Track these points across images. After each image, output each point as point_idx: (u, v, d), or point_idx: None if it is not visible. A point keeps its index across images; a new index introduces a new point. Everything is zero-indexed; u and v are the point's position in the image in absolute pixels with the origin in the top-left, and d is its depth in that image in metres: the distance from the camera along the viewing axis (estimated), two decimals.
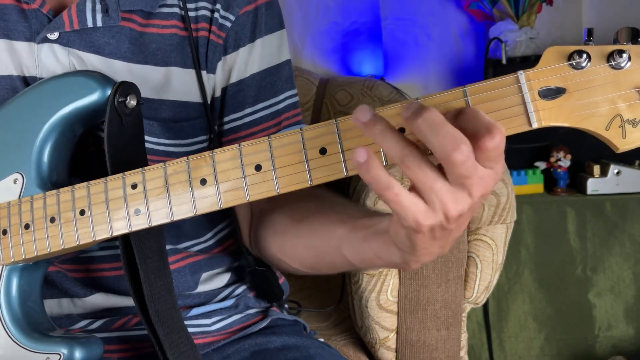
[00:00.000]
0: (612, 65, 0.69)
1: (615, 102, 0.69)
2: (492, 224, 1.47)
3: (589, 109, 0.70)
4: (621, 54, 0.69)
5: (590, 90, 0.70)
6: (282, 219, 1.07)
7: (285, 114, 1.15)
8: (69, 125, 0.95)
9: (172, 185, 0.82)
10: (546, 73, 0.70)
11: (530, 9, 2.73)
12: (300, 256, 1.04)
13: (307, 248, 1.01)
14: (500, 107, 0.70)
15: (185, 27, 1.09)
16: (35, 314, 0.97)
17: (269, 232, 1.10)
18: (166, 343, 0.94)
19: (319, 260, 1.01)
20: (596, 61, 0.70)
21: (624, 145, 0.70)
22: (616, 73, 0.69)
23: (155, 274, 0.95)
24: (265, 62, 1.14)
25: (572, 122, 0.70)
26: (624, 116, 0.69)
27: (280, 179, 0.77)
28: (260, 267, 1.17)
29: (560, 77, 0.70)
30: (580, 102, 0.70)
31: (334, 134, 0.74)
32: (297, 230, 1.03)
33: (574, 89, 0.70)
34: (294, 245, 1.05)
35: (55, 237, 0.89)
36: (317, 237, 0.98)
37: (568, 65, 0.70)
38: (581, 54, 0.69)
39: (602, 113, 0.70)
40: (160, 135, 1.07)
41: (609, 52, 0.69)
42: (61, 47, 1.02)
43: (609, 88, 0.69)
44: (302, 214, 1.03)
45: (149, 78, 1.06)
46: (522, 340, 2.48)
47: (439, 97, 0.71)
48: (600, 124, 0.70)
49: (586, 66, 0.70)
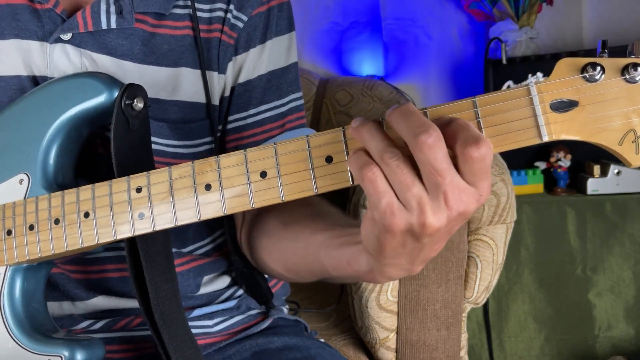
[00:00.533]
0: (627, 79, 0.68)
1: (629, 116, 0.68)
2: (492, 224, 1.47)
3: (602, 123, 0.69)
4: (636, 68, 0.67)
5: (604, 104, 0.68)
6: (272, 222, 1.07)
7: (289, 116, 1.15)
8: (76, 126, 0.95)
9: (177, 190, 0.82)
10: (558, 85, 0.69)
11: (531, 9, 2.73)
12: (283, 260, 1.05)
13: (290, 252, 1.02)
14: (510, 119, 0.69)
15: (199, 28, 1.09)
16: (38, 315, 0.97)
17: (258, 234, 1.10)
18: (171, 346, 0.94)
19: (300, 266, 1.01)
20: (610, 74, 0.68)
21: (637, 161, 0.69)
22: (630, 87, 0.68)
23: (161, 277, 0.95)
24: (272, 64, 1.14)
25: (584, 136, 0.69)
26: (637, 131, 0.68)
27: (285, 187, 0.77)
28: (247, 268, 1.17)
29: (573, 89, 0.69)
30: (593, 115, 0.69)
31: (340, 142, 0.74)
32: (283, 234, 1.03)
33: (586, 102, 0.69)
34: (279, 248, 1.05)
35: (59, 239, 0.89)
36: (300, 242, 0.98)
37: (581, 78, 0.69)
38: (595, 67, 0.68)
39: (615, 127, 0.69)
40: (170, 137, 1.07)
41: (623, 65, 0.68)
42: (73, 47, 1.02)
43: (622, 102, 0.68)
44: (291, 219, 1.03)
45: (159, 79, 1.06)
46: (522, 340, 2.49)
47: (447, 107, 0.71)
48: (613, 138, 0.69)
49: (600, 79, 0.68)
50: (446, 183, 0.65)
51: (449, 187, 0.66)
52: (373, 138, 0.68)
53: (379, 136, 0.68)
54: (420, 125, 0.65)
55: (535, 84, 0.69)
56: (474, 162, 0.65)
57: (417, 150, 0.65)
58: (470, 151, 0.64)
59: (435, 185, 0.66)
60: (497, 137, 0.69)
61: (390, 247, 0.72)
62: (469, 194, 0.67)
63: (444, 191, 0.66)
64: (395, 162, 0.66)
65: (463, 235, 1.45)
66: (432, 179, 0.66)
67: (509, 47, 2.71)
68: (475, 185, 0.67)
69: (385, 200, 0.68)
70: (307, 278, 1.04)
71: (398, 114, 0.67)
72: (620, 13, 2.80)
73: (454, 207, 0.67)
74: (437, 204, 0.67)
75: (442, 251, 1.43)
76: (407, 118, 0.66)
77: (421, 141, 0.64)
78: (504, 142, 0.70)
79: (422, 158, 0.65)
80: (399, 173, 0.66)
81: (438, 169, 0.65)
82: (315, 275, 0.99)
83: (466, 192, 0.67)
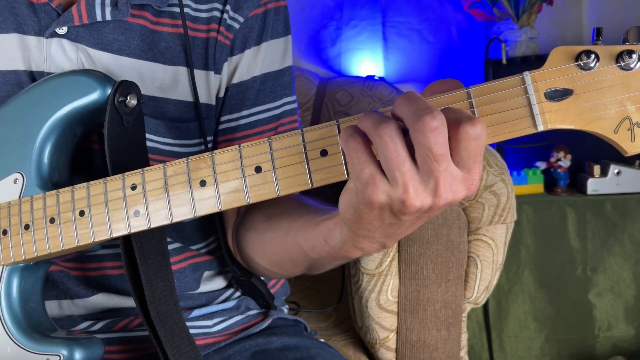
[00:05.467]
0: (622, 66, 0.67)
1: (624, 104, 0.68)
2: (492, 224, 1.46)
3: (597, 111, 0.68)
4: (631, 55, 0.67)
5: (599, 92, 0.68)
6: (255, 216, 1.08)
7: (282, 119, 1.15)
8: (70, 124, 0.95)
9: (172, 187, 0.82)
10: (553, 74, 0.69)
11: (531, 8, 2.73)
12: (266, 253, 1.05)
13: (271, 243, 1.02)
14: (505, 109, 0.69)
15: (196, 27, 1.09)
16: (36, 315, 0.97)
17: (244, 231, 1.10)
18: (167, 344, 0.94)
19: (281, 256, 1.01)
20: (605, 62, 0.68)
21: (632, 149, 0.69)
22: (625, 74, 0.68)
23: (157, 275, 0.95)
24: (267, 66, 1.14)
25: (579, 125, 0.69)
26: (633, 119, 0.68)
27: (280, 181, 0.76)
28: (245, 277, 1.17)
29: (567, 78, 0.69)
30: (588, 104, 0.68)
31: (334, 136, 0.73)
32: (264, 226, 1.04)
33: (581, 90, 0.68)
34: (260, 241, 1.05)
35: (54, 238, 0.89)
36: (280, 230, 0.98)
37: (575, 66, 0.69)
38: (589, 54, 0.68)
39: (611, 115, 0.68)
40: (166, 135, 1.07)
41: (618, 53, 0.68)
42: (70, 42, 1.02)
43: (617, 90, 0.68)
44: (273, 211, 1.04)
45: (156, 76, 1.06)
46: (522, 340, 2.48)
47: (442, 98, 0.70)
48: (609, 126, 0.68)
49: (594, 67, 0.68)
50: (440, 170, 0.65)
51: (442, 175, 0.65)
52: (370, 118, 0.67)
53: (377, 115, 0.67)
54: (425, 108, 0.64)
55: (529, 73, 0.69)
56: (470, 140, 0.64)
57: (418, 132, 0.64)
58: (467, 128, 0.63)
59: (429, 171, 0.65)
60: (493, 127, 0.69)
61: (366, 218, 0.72)
62: (460, 183, 0.67)
63: (437, 178, 0.65)
64: (388, 134, 0.65)
65: (463, 235, 1.45)
66: (427, 164, 0.65)
67: (509, 47, 2.71)
68: (468, 169, 0.66)
69: (368, 170, 0.67)
70: (290, 269, 1.04)
71: (403, 98, 0.66)
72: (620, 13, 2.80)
73: (443, 195, 0.66)
74: (424, 187, 0.66)
75: (442, 251, 1.42)
76: (412, 102, 0.65)
77: (425, 122, 0.63)
78: (499, 132, 0.69)
79: (421, 140, 0.64)
80: (391, 146, 0.65)
81: (436, 155, 0.64)
82: (296, 263, 0.98)
83: (458, 181, 0.66)
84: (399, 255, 1.44)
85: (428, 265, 1.44)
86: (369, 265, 1.42)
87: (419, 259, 1.43)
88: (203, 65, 1.10)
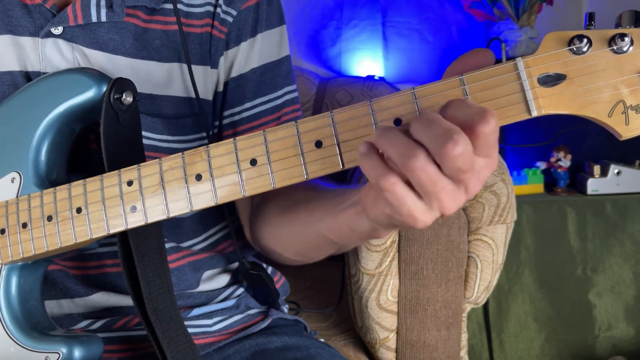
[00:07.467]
0: (614, 50, 0.67)
1: (617, 87, 0.67)
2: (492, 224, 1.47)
3: (591, 96, 0.68)
4: (623, 38, 0.67)
5: (592, 75, 0.68)
6: (271, 209, 1.08)
7: (285, 109, 1.16)
8: (66, 123, 0.95)
9: (168, 182, 0.82)
10: (545, 59, 0.69)
11: (531, 8, 2.73)
12: (288, 245, 1.05)
13: (291, 236, 1.02)
14: (498, 95, 0.69)
15: (190, 23, 1.10)
16: (35, 313, 0.97)
17: (261, 224, 1.10)
18: (164, 341, 0.94)
19: (304, 246, 1.01)
20: (597, 46, 0.68)
21: (627, 132, 0.68)
22: (618, 58, 0.67)
23: (154, 272, 0.95)
24: (265, 57, 1.14)
25: (573, 110, 0.69)
26: (627, 102, 0.67)
27: (276, 173, 0.76)
28: (255, 271, 1.17)
29: (560, 63, 0.68)
30: (581, 88, 0.68)
31: (329, 126, 0.73)
32: (281, 220, 1.04)
33: (574, 75, 0.68)
34: (280, 235, 1.06)
35: (52, 236, 0.89)
36: (298, 224, 0.98)
37: (568, 51, 0.68)
38: (582, 39, 0.67)
39: (605, 99, 0.68)
40: (163, 132, 1.07)
41: (610, 36, 0.67)
42: (65, 42, 1.03)
43: (611, 73, 0.67)
44: (289, 203, 1.03)
45: (152, 74, 1.06)
46: (522, 340, 2.48)
47: (435, 86, 0.70)
48: (603, 110, 0.68)
49: (587, 51, 0.68)
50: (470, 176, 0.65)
51: (472, 178, 0.65)
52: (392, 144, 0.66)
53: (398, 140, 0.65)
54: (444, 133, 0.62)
55: (522, 58, 0.69)
56: (487, 137, 0.63)
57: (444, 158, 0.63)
58: (481, 128, 0.63)
59: (460, 181, 0.65)
60: None
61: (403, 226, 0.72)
62: (483, 169, 0.66)
63: (467, 183, 0.65)
64: (420, 167, 0.64)
65: (463, 235, 1.45)
66: (457, 176, 0.64)
67: (509, 47, 2.71)
68: (489, 156, 0.66)
69: (407, 208, 0.66)
70: (316, 256, 1.03)
71: (419, 123, 0.64)
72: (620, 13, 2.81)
73: (472, 191, 0.67)
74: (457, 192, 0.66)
75: (442, 251, 1.43)
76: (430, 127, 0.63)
77: (448, 150, 0.62)
78: None
79: (448, 164, 0.63)
80: (424, 178, 0.64)
81: (465, 170, 0.64)
82: (323, 251, 0.98)
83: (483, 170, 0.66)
84: (399, 255, 1.44)
85: (428, 265, 1.44)
86: (369, 265, 1.42)
87: (419, 259, 1.43)
88: (199, 60, 1.10)
